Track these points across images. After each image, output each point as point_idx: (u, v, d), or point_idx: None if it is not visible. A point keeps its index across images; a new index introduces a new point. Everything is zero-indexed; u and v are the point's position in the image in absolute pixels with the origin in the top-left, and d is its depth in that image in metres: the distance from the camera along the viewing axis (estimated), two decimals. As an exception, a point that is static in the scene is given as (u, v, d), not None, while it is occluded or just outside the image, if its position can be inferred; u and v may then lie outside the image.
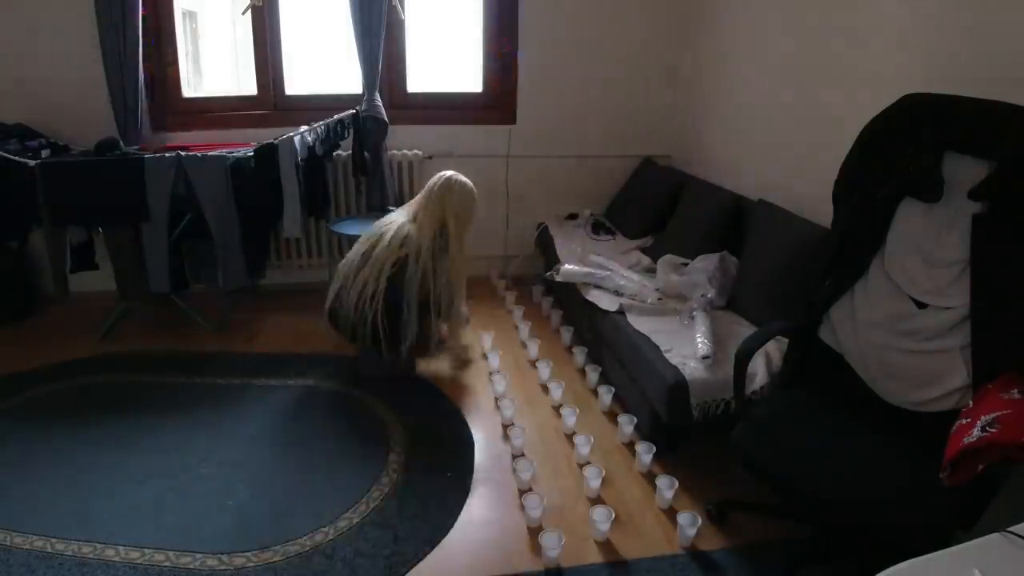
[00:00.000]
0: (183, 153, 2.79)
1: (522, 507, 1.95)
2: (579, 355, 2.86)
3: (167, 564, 1.71)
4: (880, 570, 0.82)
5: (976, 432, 1.21)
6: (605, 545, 1.83)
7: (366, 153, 3.37)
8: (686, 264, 2.78)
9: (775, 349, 2.10)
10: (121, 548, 1.76)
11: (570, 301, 3.06)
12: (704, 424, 2.02)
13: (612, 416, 2.46)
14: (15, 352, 2.86)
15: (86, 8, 3.00)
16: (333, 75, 3.73)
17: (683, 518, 1.83)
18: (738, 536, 1.86)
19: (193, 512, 1.90)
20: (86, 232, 3.07)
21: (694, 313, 2.38)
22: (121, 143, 3.10)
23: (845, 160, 1.73)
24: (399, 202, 3.51)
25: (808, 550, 1.75)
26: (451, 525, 1.89)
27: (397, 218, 2.59)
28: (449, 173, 2.64)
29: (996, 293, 1.46)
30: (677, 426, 2.07)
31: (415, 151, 3.56)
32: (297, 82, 3.52)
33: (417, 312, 2.49)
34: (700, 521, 1.83)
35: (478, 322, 3.24)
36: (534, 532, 1.87)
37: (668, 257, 2.85)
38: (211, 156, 2.82)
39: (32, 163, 2.68)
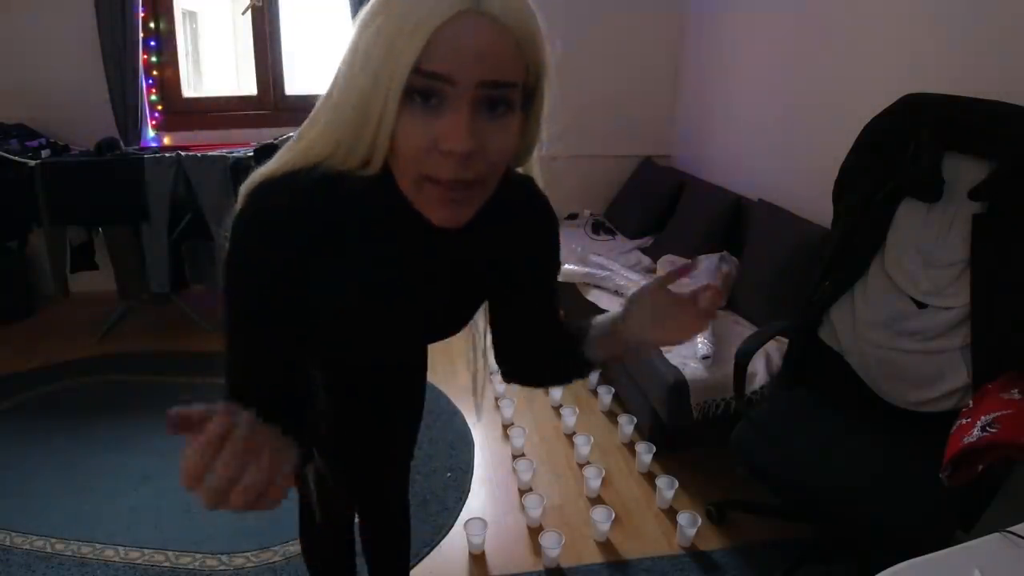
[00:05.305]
0: (183, 153, 2.79)
1: (522, 507, 1.95)
2: (579, 355, 2.85)
3: (167, 564, 1.71)
4: (880, 570, 0.82)
5: (976, 432, 1.21)
6: (605, 545, 1.83)
7: (366, 153, 3.36)
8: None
9: (775, 349, 2.10)
10: (121, 548, 1.76)
11: (570, 301, 3.06)
12: (704, 424, 2.02)
13: (612, 416, 2.46)
14: (15, 352, 2.85)
15: (86, 8, 3.00)
16: (333, 75, 3.73)
17: (683, 518, 1.83)
18: (738, 536, 1.87)
19: (193, 512, 1.89)
20: (86, 232, 3.07)
21: (694, 313, 2.37)
22: (121, 143, 3.10)
23: (845, 160, 1.73)
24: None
25: (808, 550, 1.74)
26: (451, 525, 1.89)
27: None
28: None
29: (996, 293, 1.45)
30: (677, 426, 2.07)
31: (415, 151, 3.56)
32: (297, 82, 3.51)
33: None
34: (700, 521, 1.83)
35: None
36: (534, 532, 1.87)
37: (668, 257, 2.85)
38: (211, 156, 2.82)
39: (32, 163, 2.68)
